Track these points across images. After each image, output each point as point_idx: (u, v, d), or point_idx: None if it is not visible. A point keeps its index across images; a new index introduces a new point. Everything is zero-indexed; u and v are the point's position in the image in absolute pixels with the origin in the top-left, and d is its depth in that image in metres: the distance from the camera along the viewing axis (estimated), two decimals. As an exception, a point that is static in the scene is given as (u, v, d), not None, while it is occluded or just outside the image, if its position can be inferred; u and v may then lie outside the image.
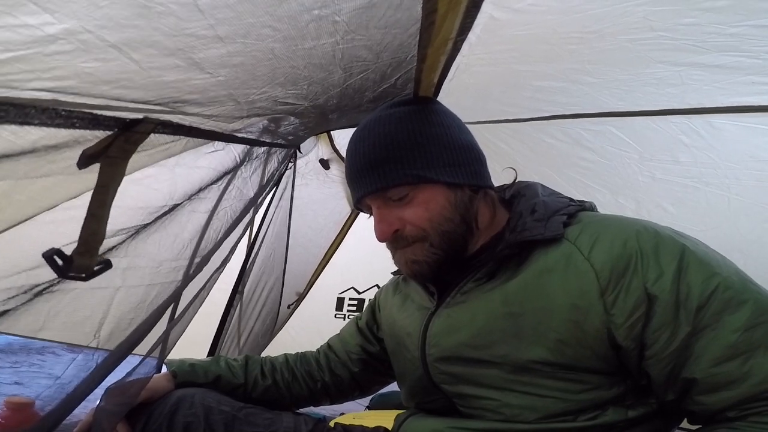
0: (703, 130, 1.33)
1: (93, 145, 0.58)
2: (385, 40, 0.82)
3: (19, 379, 1.93)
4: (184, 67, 0.58)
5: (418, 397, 0.99)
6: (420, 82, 1.05)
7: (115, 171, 0.61)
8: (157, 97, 0.59)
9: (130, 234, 0.80)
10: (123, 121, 0.58)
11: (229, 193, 1.14)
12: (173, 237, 0.98)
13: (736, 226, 1.55)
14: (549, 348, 0.78)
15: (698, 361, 0.71)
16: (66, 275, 0.57)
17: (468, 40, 0.93)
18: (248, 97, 0.75)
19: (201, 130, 0.75)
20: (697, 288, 0.72)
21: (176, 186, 0.87)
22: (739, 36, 0.88)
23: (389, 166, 0.87)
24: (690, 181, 1.51)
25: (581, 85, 1.19)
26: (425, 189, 0.87)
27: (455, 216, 0.88)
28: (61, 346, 0.93)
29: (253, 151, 1.18)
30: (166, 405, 0.97)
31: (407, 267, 0.91)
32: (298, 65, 0.76)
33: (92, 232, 0.59)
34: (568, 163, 1.67)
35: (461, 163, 0.90)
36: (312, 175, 2.17)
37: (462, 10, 0.77)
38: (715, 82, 1.07)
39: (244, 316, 2.05)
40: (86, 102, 0.52)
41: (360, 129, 0.95)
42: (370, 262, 2.38)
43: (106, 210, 0.61)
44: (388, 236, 0.89)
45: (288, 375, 1.19)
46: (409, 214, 0.87)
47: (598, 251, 0.78)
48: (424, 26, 0.80)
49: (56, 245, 0.58)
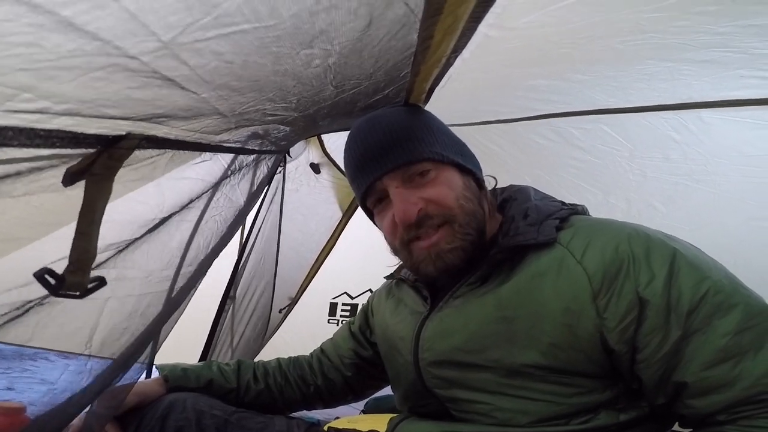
0: (692, 125, 1.34)
1: (76, 163, 0.56)
2: (378, 62, 0.82)
3: (10, 385, 1.91)
4: (166, 86, 0.57)
5: (411, 401, 0.98)
6: (411, 91, 1.05)
7: (102, 188, 0.59)
8: (138, 113, 0.58)
9: (119, 249, 0.79)
10: (105, 138, 0.57)
11: (217, 201, 1.13)
12: (162, 246, 0.97)
13: (725, 224, 1.57)
14: (542, 352, 0.78)
15: (689, 364, 0.71)
16: (58, 293, 0.56)
17: (462, 56, 0.93)
18: (235, 110, 0.74)
19: (187, 142, 0.74)
20: (687, 292, 0.72)
21: (164, 198, 0.86)
22: (727, 34, 0.89)
23: (413, 144, 0.87)
24: (680, 178, 1.53)
25: (572, 83, 1.20)
26: (445, 169, 0.88)
27: (474, 198, 0.89)
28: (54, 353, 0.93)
29: (242, 159, 1.17)
30: (157, 409, 0.97)
31: (437, 260, 0.86)
32: (288, 84, 0.75)
33: (83, 250, 0.58)
34: (559, 163, 1.67)
35: (466, 154, 0.94)
36: (302, 180, 2.15)
37: (457, 35, 0.77)
38: (704, 77, 1.08)
39: (235, 321, 2.03)
40: (65, 121, 0.51)
41: (364, 123, 0.94)
42: (363, 266, 2.38)
43: (95, 227, 0.59)
44: (412, 217, 0.84)
45: (281, 379, 1.19)
46: (433, 192, 0.86)
47: (591, 255, 0.78)
48: (419, 50, 0.80)
49: (47, 262, 0.57)
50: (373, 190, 0.91)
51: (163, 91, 0.58)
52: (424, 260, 0.87)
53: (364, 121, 0.94)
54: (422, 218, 0.85)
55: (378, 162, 0.88)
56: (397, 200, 0.86)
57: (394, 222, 0.88)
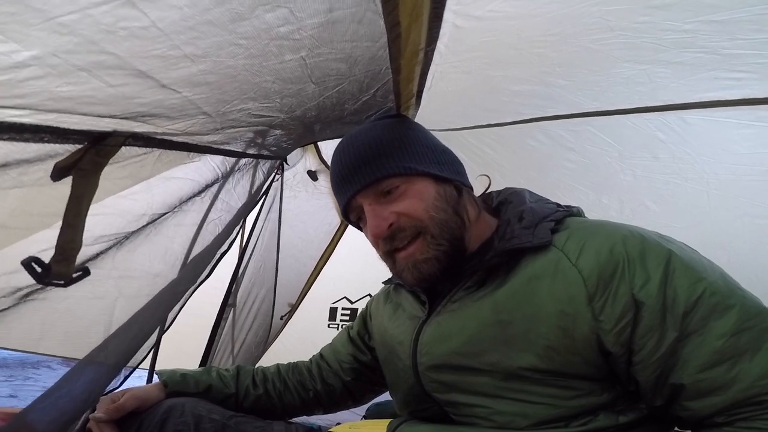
0: (676, 126, 1.35)
1: (64, 159, 0.59)
2: (355, 53, 0.84)
3: (13, 392, 1.94)
4: (149, 85, 0.60)
5: (410, 405, 0.98)
6: (399, 94, 1.08)
7: (88, 183, 0.62)
8: (124, 111, 0.61)
9: (112, 243, 0.82)
10: (92, 134, 0.60)
11: (216, 207, 1.16)
12: (164, 249, 1.00)
13: (717, 221, 1.57)
14: (538, 355, 0.78)
15: (685, 366, 0.71)
16: (44, 281, 0.59)
17: (438, 50, 0.96)
18: (219, 110, 0.77)
19: (173, 142, 0.76)
20: (683, 293, 0.72)
21: (152, 194, 0.89)
22: (693, 32, 0.90)
23: (381, 161, 0.89)
24: (670, 177, 1.54)
25: (555, 88, 1.22)
26: (416, 181, 0.89)
27: (447, 207, 0.90)
28: (57, 360, 0.94)
29: (238, 164, 1.19)
30: (156, 414, 0.97)
31: (414, 270, 0.88)
32: (266, 80, 0.78)
33: (68, 240, 0.61)
34: (551, 164, 1.69)
35: (444, 162, 0.94)
36: (300, 187, 2.18)
37: (425, 21, 0.80)
38: (681, 79, 1.10)
39: (236, 328, 2.05)
40: (53, 117, 0.54)
41: (344, 140, 0.97)
42: (362, 271, 2.40)
43: (81, 220, 0.62)
44: (383, 231, 0.87)
45: (280, 384, 1.20)
46: (403, 206, 0.88)
47: (586, 258, 0.78)
48: (391, 38, 0.82)
49: (34, 253, 0.59)
50: (351, 207, 0.94)
51: (150, 90, 0.61)
52: (404, 269, 0.89)
53: (343, 140, 0.97)
54: (394, 231, 0.88)
55: (350, 182, 0.90)
56: (369, 216, 0.89)
57: (371, 237, 0.91)
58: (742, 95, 1.14)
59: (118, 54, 0.53)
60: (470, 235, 0.92)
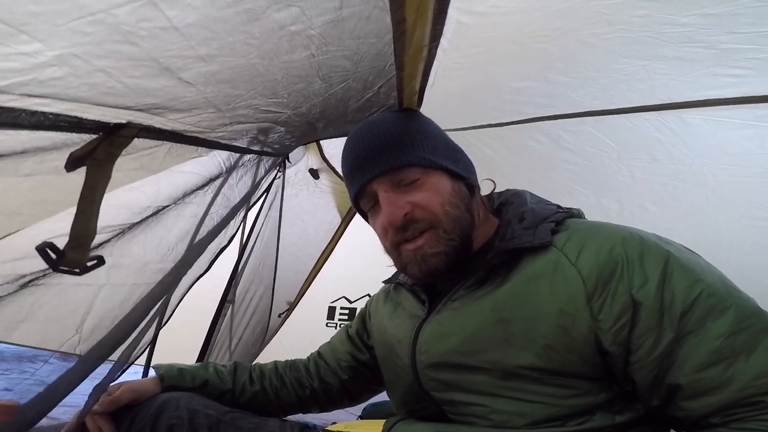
0: (675, 126, 1.36)
1: (80, 148, 0.60)
2: (361, 49, 0.85)
3: (9, 386, 1.93)
4: (165, 78, 0.61)
5: (408, 404, 0.99)
6: (402, 90, 1.09)
7: (102, 173, 0.63)
8: (138, 102, 0.62)
9: (115, 233, 0.82)
10: (107, 125, 0.61)
11: (217, 202, 1.16)
12: (159, 239, 0.99)
13: (717, 223, 1.57)
14: (537, 354, 0.78)
15: (682, 366, 0.71)
16: (57, 268, 0.59)
17: (441, 46, 0.97)
18: (229, 104, 0.78)
19: (184, 135, 0.77)
20: (681, 294, 0.72)
21: (159, 187, 0.89)
22: (691, 25, 0.91)
23: (402, 149, 0.90)
24: (668, 179, 1.54)
25: (557, 84, 1.22)
26: (434, 175, 0.90)
27: (461, 204, 0.91)
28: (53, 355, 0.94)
29: (240, 160, 1.20)
30: (151, 407, 0.98)
31: (421, 263, 0.88)
32: (277, 77, 0.79)
33: (82, 228, 0.61)
34: (551, 165, 1.69)
35: (458, 159, 0.95)
36: (302, 185, 2.19)
37: (430, 17, 0.81)
38: (681, 76, 1.10)
39: (234, 325, 2.05)
40: (72, 106, 0.55)
41: (361, 128, 0.97)
42: (362, 271, 2.40)
43: (95, 207, 0.63)
44: (398, 219, 0.87)
45: (277, 381, 1.20)
46: (420, 197, 0.88)
47: (585, 258, 0.79)
48: (396, 35, 0.83)
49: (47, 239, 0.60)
50: (364, 193, 0.94)
51: (164, 83, 0.62)
52: (410, 262, 0.90)
53: (359, 126, 0.98)
54: (408, 221, 0.87)
55: (368, 166, 0.91)
56: (384, 204, 0.89)
57: (384, 224, 0.91)
58: (741, 93, 1.15)
59: (139, 50, 0.54)
60: (476, 235, 0.93)
